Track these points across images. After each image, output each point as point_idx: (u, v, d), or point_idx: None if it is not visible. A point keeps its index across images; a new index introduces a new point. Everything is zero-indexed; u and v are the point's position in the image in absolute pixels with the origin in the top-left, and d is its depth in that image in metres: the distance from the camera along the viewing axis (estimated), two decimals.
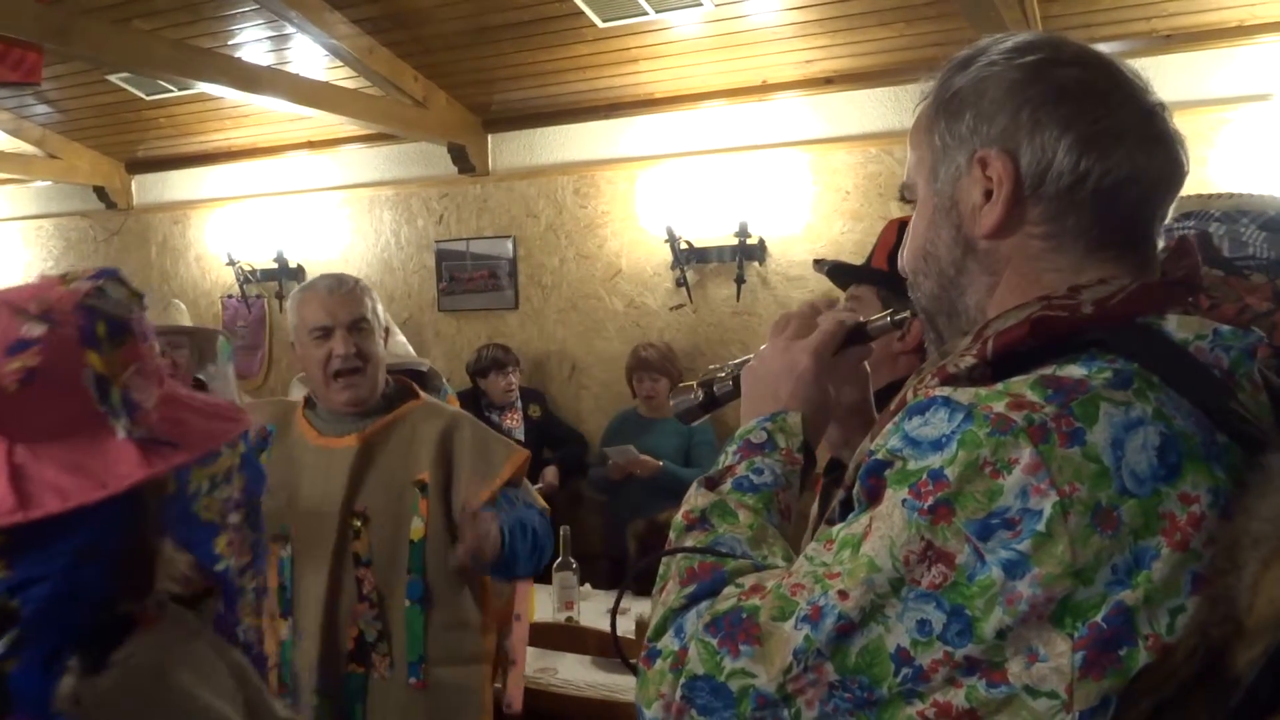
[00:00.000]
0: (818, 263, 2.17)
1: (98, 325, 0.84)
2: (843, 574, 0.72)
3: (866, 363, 1.13)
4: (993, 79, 0.83)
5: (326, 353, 2.12)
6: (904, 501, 0.71)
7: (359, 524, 2.08)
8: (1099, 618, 0.67)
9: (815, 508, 1.15)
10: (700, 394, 1.13)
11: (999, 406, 0.70)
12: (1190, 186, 0.87)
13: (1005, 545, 0.67)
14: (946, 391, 0.74)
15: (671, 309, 4.99)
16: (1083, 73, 0.82)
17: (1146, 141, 0.81)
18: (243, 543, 0.95)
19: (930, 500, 0.70)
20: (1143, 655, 0.66)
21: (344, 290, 2.16)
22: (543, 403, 4.97)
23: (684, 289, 4.91)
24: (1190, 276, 0.83)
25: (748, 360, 1.07)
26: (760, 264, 4.80)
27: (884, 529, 0.71)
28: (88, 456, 0.81)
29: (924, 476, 0.70)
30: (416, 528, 2.08)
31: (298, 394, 3.28)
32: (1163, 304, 0.79)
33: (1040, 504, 0.67)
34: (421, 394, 2.27)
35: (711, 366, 1.16)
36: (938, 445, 0.71)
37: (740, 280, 4.78)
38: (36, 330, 0.81)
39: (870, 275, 2.14)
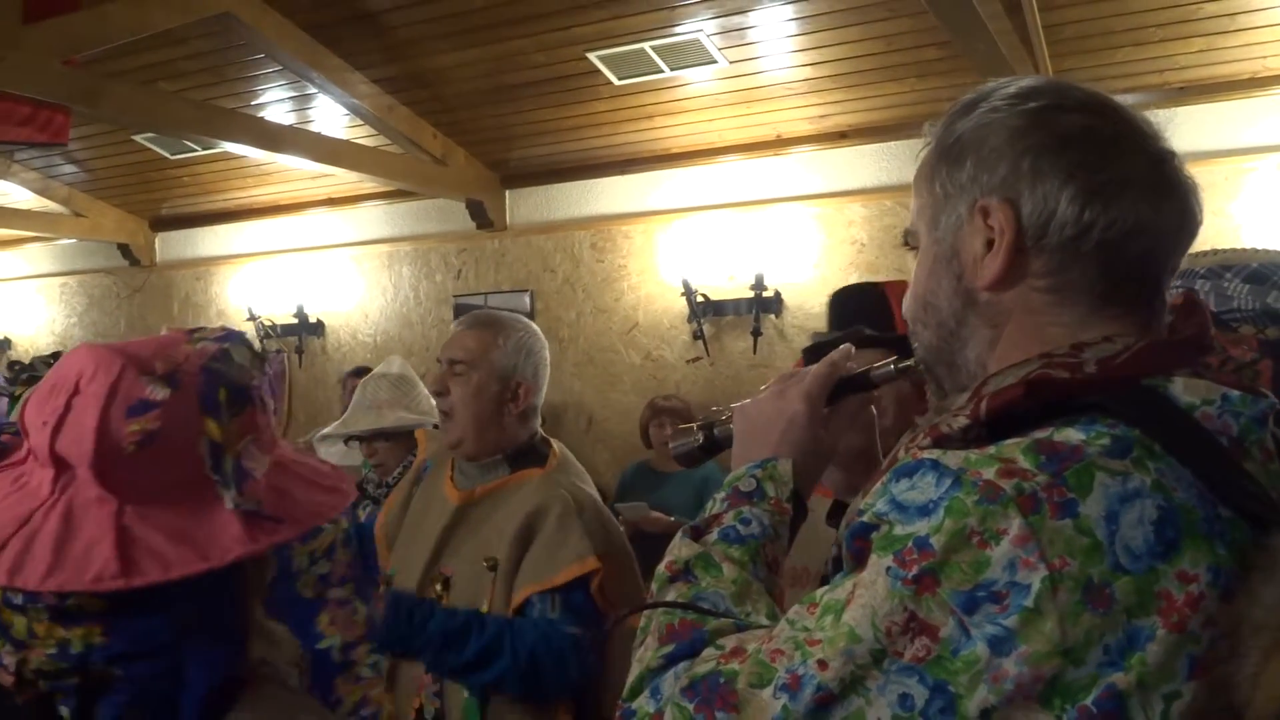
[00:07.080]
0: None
1: (219, 391, 0.83)
2: (823, 641, 0.69)
3: (874, 408, 1.11)
4: (994, 126, 0.80)
5: None
6: (888, 569, 0.68)
7: (439, 588, 1.91)
8: (1089, 700, 0.63)
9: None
10: (700, 436, 1.11)
11: (988, 473, 0.67)
12: (1210, 239, 0.85)
13: (992, 620, 0.64)
14: (936, 454, 0.71)
15: (688, 362, 4.99)
16: (1087, 119, 0.78)
17: (1154, 191, 0.77)
18: (349, 618, 0.92)
19: (915, 569, 0.66)
20: None
21: (464, 327, 2.03)
22: None
23: (701, 342, 4.91)
24: (1201, 334, 0.79)
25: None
26: (777, 316, 4.80)
27: (867, 597, 0.68)
28: (194, 525, 0.80)
29: (909, 544, 0.67)
30: (484, 608, 1.86)
31: (322, 451, 3.19)
32: (1171, 364, 0.74)
33: (1029, 578, 0.64)
34: (553, 461, 2.00)
35: (714, 408, 1.13)
36: (924, 511, 0.68)
37: (757, 333, 4.78)
38: (160, 393, 0.80)
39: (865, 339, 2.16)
